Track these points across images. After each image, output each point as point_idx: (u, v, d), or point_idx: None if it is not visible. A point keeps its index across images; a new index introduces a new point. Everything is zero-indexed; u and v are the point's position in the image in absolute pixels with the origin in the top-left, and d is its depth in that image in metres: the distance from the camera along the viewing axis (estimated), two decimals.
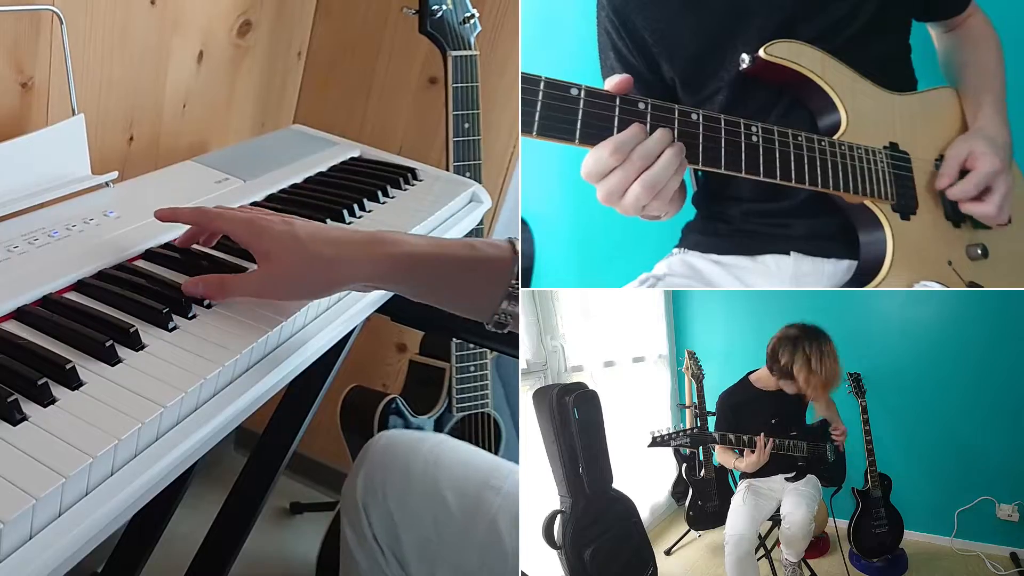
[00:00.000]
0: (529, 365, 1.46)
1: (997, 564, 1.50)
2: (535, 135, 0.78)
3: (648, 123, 0.82)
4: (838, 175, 0.93)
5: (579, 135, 0.79)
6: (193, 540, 1.36)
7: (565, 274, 1.41)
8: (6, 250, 0.83)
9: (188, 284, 0.80)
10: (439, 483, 1.09)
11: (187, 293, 0.79)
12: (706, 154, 0.86)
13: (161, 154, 1.39)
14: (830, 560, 1.51)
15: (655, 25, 1.01)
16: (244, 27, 1.48)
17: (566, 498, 1.08)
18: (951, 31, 1.11)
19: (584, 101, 0.79)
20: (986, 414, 1.53)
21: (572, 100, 0.79)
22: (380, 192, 1.16)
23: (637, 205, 0.82)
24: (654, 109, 0.83)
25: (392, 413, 1.57)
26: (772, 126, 0.90)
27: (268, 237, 0.79)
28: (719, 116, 0.87)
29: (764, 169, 0.89)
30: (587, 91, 0.80)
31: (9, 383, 0.62)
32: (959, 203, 0.99)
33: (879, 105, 1.00)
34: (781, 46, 0.96)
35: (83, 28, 1.14)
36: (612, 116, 0.81)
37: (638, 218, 1.23)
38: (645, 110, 0.82)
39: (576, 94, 0.79)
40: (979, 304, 1.50)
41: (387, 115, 1.71)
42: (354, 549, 1.13)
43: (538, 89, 0.78)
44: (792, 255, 1.03)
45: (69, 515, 0.57)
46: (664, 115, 0.84)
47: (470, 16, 1.42)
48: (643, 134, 0.81)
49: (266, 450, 1.33)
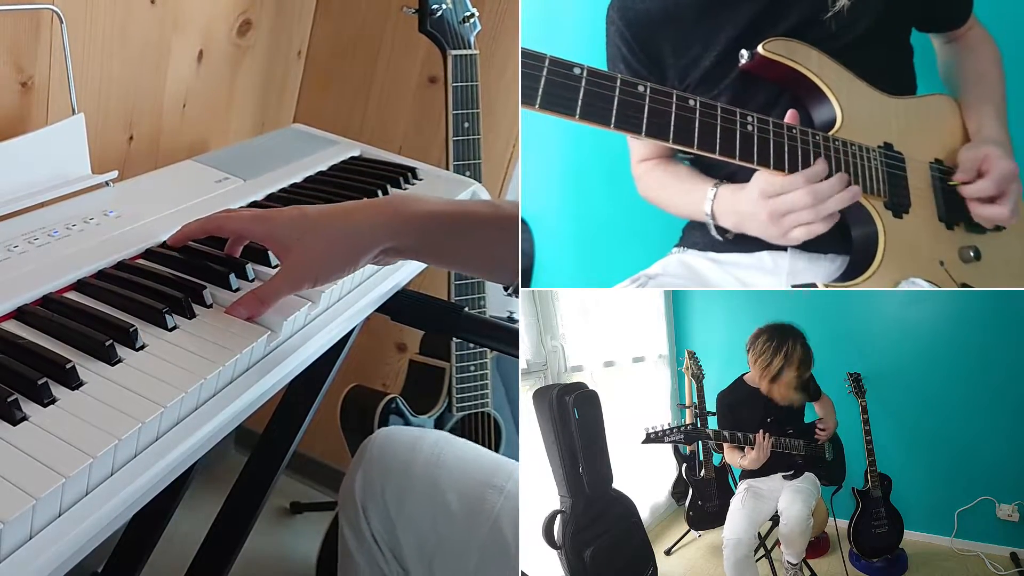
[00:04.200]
0: (529, 365, 1.46)
1: (997, 564, 1.50)
2: (537, 108, 0.82)
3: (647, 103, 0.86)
4: (831, 168, 0.94)
5: (580, 111, 0.84)
6: (193, 540, 1.36)
7: (565, 274, 1.41)
8: (6, 250, 0.82)
9: (229, 310, 0.79)
10: (440, 483, 1.09)
11: (231, 315, 0.78)
12: (701, 139, 0.89)
13: (161, 153, 1.39)
14: (830, 560, 1.51)
15: (673, 41, 1.04)
16: (244, 27, 1.48)
17: (566, 498, 1.08)
18: (951, 42, 1.13)
19: (586, 80, 0.84)
20: (986, 414, 1.53)
21: (575, 78, 0.83)
22: (380, 191, 1.16)
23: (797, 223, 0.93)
24: (653, 92, 0.87)
25: (392, 413, 1.57)
26: (768, 117, 0.92)
27: (281, 227, 0.79)
28: (716, 104, 0.90)
29: (758, 156, 0.91)
30: (589, 71, 0.84)
31: (9, 383, 0.62)
32: (970, 207, 1.01)
33: (875, 106, 1.01)
34: (779, 43, 0.97)
35: (83, 28, 1.14)
36: (612, 96, 0.85)
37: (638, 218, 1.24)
38: (644, 92, 0.86)
39: (579, 73, 0.84)
40: (980, 304, 1.50)
41: (387, 114, 1.71)
42: (353, 549, 1.13)
43: (543, 65, 0.82)
44: (789, 251, 1.04)
45: (69, 515, 0.57)
46: (662, 99, 0.87)
47: (470, 15, 1.42)
48: (827, 169, 0.92)
49: (266, 450, 1.33)
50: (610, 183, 1.30)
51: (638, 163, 1.15)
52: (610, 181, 1.29)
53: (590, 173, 1.36)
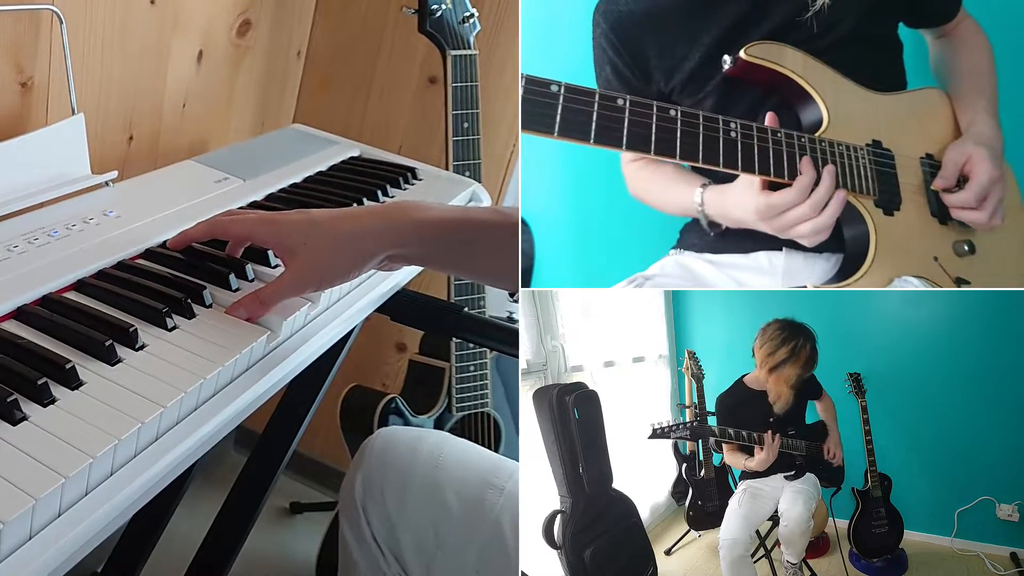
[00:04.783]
0: (529, 365, 1.46)
1: (997, 564, 1.50)
2: (522, 129, 0.82)
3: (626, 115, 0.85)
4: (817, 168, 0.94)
5: (559, 129, 0.82)
6: (193, 540, 1.36)
7: (565, 274, 1.41)
8: (6, 250, 0.82)
9: (229, 311, 0.79)
10: (440, 484, 1.08)
11: (231, 315, 0.79)
12: (684, 148, 0.88)
13: (161, 154, 1.39)
14: (830, 560, 1.51)
15: (657, 42, 1.03)
16: (244, 27, 1.48)
17: (566, 498, 1.07)
18: (942, 37, 1.13)
19: (564, 97, 0.82)
20: (987, 414, 1.53)
21: (552, 96, 0.82)
22: (380, 191, 1.16)
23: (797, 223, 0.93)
24: (632, 104, 0.86)
25: (392, 413, 1.57)
26: (752, 123, 0.92)
27: (287, 231, 0.79)
28: (697, 112, 0.90)
29: (743, 163, 0.91)
30: (567, 87, 0.83)
31: (9, 383, 0.62)
32: (951, 208, 1.00)
33: (862, 104, 1.01)
34: (761, 47, 0.97)
35: (83, 28, 1.14)
36: (591, 112, 0.84)
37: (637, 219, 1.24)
38: (623, 105, 0.85)
39: (556, 90, 0.82)
40: (980, 304, 1.50)
41: (387, 115, 1.71)
42: (353, 549, 1.13)
43: (519, 84, 0.81)
44: (784, 251, 1.04)
45: (69, 515, 0.57)
46: (642, 111, 0.86)
47: (469, 15, 1.42)
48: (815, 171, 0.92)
49: (266, 450, 1.33)
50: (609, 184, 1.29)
51: (628, 163, 1.16)
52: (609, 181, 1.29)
53: (589, 174, 1.36)
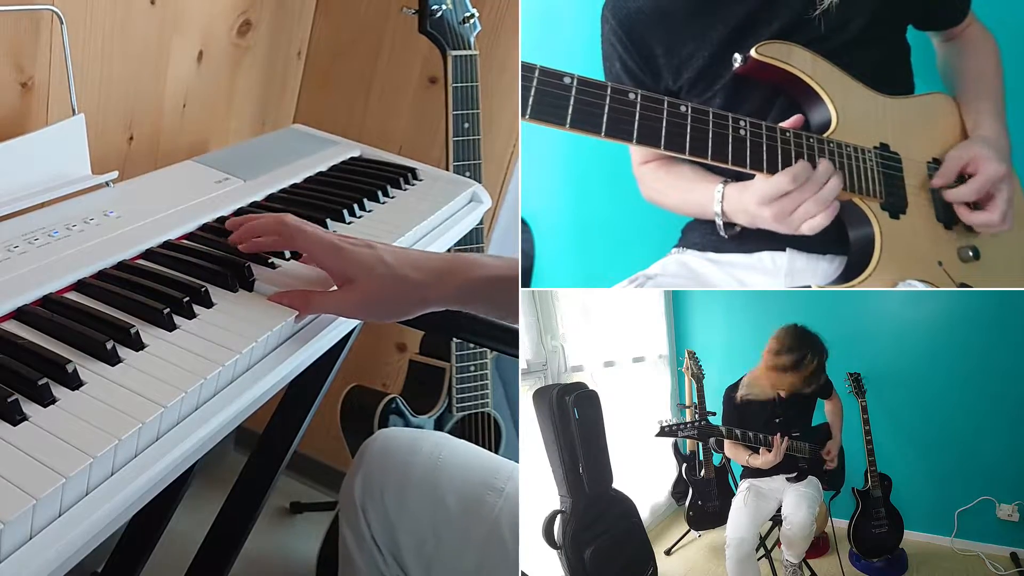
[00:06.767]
0: (529, 365, 1.46)
1: (997, 564, 1.50)
2: (528, 118, 0.83)
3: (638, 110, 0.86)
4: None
5: (570, 120, 0.84)
6: (193, 540, 1.36)
7: (565, 274, 1.41)
8: (6, 250, 0.82)
9: (274, 297, 0.83)
10: (439, 486, 1.09)
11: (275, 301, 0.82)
12: (693, 144, 0.89)
13: (161, 154, 1.39)
14: (830, 560, 1.51)
15: (666, 40, 1.03)
16: (244, 27, 1.48)
17: (566, 498, 1.08)
18: (950, 40, 1.13)
19: (576, 89, 0.84)
20: (986, 414, 1.53)
21: (564, 88, 0.84)
22: (380, 192, 1.16)
23: (806, 217, 0.92)
24: (643, 99, 0.87)
25: (392, 413, 1.57)
26: (761, 121, 0.92)
27: (353, 264, 0.82)
28: (708, 109, 0.90)
29: (751, 161, 0.91)
30: (580, 80, 0.84)
31: (9, 383, 0.62)
32: (960, 213, 1.00)
33: (871, 107, 1.01)
34: (772, 46, 0.97)
35: (83, 28, 1.14)
36: (603, 105, 0.85)
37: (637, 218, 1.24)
38: (635, 100, 0.86)
39: (569, 82, 0.84)
40: (979, 304, 1.50)
41: (387, 115, 1.71)
42: (353, 550, 1.13)
43: (533, 76, 0.82)
44: (787, 251, 1.04)
45: (69, 515, 0.57)
46: (654, 105, 0.87)
47: (470, 16, 1.42)
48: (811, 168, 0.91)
49: (266, 450, 1.33)
50: (610, 183, 1.30)
51: (639, 165, 1.15)
52: (610, 181, 1.29)
53: (590, 173, 1.36)
